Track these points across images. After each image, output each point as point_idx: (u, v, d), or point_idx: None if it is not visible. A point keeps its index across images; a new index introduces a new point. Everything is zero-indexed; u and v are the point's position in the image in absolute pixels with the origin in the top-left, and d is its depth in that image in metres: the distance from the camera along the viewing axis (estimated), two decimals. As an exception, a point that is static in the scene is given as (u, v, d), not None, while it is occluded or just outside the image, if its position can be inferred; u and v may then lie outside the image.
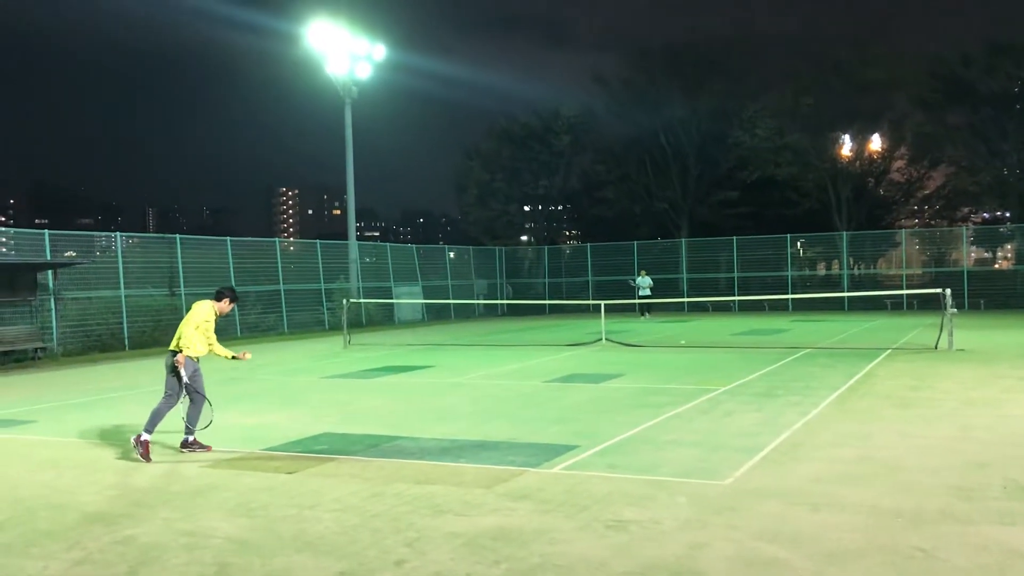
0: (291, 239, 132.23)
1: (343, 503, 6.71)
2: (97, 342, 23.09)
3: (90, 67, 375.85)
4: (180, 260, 25.72)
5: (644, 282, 33.56)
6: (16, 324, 21.09)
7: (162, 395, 8.87)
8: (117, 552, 5.68)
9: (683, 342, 21.28)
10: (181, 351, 8.72)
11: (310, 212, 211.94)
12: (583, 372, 15.27)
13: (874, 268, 41.69)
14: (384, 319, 33.55)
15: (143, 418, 11.13)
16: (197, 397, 8.89)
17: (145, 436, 8.57)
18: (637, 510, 6.25)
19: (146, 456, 8.48)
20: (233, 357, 9.27)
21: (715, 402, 11.30)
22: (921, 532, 5.56)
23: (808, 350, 18.28)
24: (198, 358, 8.88)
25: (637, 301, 32.51)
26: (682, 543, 5.48)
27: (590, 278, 41.55)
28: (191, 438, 8.96)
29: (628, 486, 6.96)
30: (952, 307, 17.89)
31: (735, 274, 38.80)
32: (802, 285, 39.63)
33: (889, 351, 17.55)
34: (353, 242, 33.90)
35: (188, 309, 9.19)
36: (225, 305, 9.19)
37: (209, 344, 9.00)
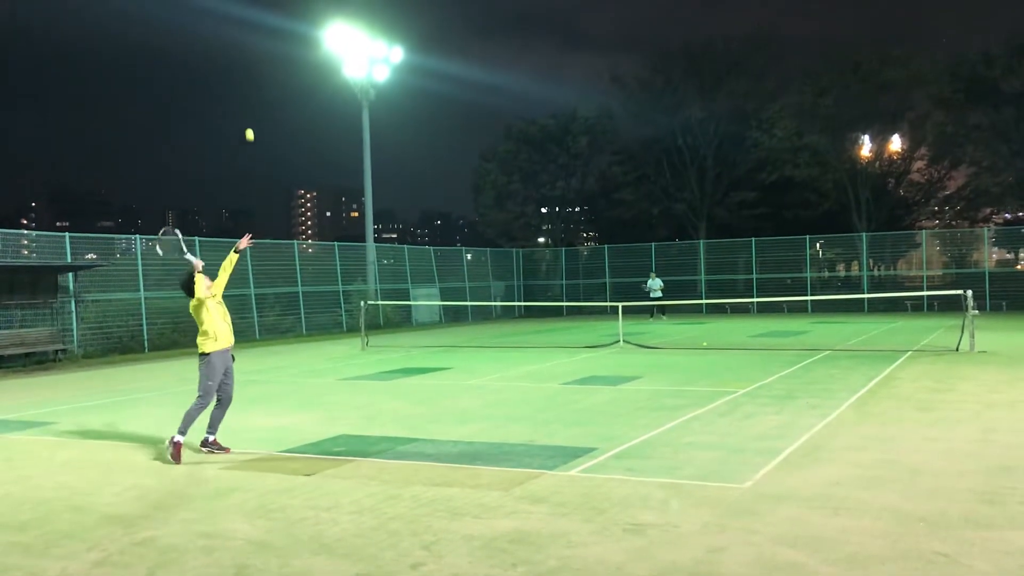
0: (309, 241, 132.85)
1: (360, 505, 6.71)
2: (117, 344, 23.26)
3: (109, 70, 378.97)
4: (199, 262, 25.83)
5: (655, 284, 33.33)
6: (37, 326, 21.27)
7: (195, 396, 8.77)
8: (136, 554, 5.70)
9: (704, 344, 21.20)
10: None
11: (328, 214, 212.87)
12: (601, 374, 15.22)
13: (894, 269, 41.40)
14: (402, 321, 33.63)
15: (162, 419, 11.23)
16: (225, 398, 8.89)
17: (178, 438, 8.55)
18: (655, 513, 6.21)
19: (177, 458, 8.46)
20: (236, 251, 8.85)
21: (734, 404, 11.23)
22: (943, 537, 5.49)
23: (828, 352, 18.16)
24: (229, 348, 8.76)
25: (652, 303, 32.37)
26: (701, 547, 5.44)
27: (607, 280, 41.47)
28: (212, 438, 8.94)
29: (646, 489, 6.92)
30: (973, 308, 17.73)
31: (754, 275, 38.62)
32: (821, 286, 39.39)
33: (910, 353, 17.40)
34: (371, 244, 34.02)
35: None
36: (203, 280, 8.68)
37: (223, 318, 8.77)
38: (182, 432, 8.57)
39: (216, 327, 8.69)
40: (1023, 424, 9.34)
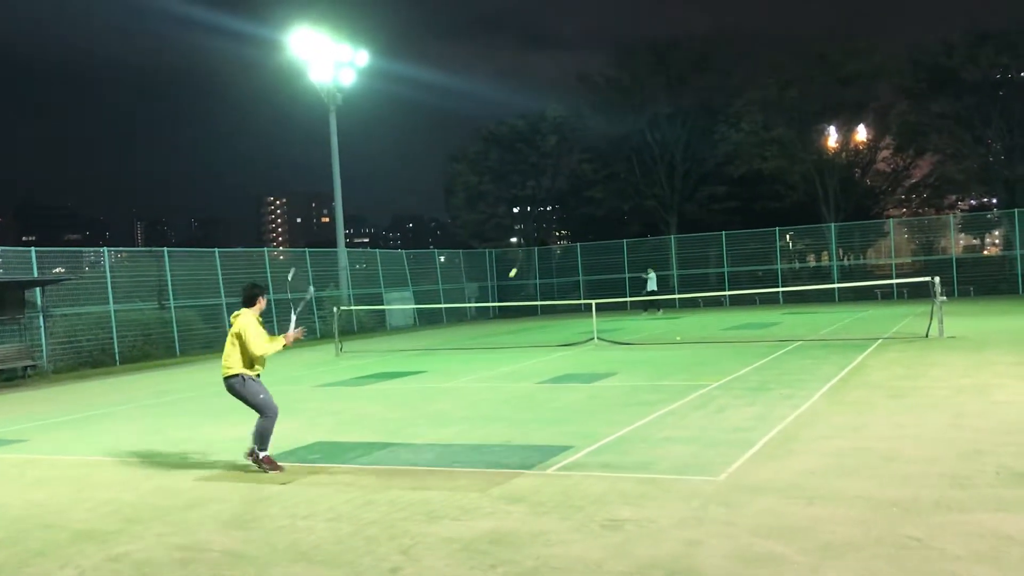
0: (280, 248, 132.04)
1: (337, 511, 6.68)
2: (87, 358, 22.98)
3: (75, 82, 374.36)
4: (169, 273, 25.62)
5: (652, 278, 32.96)
6: (5, 342, 20.97)
7: (259, 414, 8.40)
8: (111, 569, 5.64)
9: (678, 338, 21.30)
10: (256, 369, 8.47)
11: (299, 220, 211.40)
12: (576, 372, 15.25)
13: (863, 258, 41.85)
14: (376, 325, 33.50)
15: (134, 433, 11.12)
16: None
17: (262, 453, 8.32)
18: (633, 509, 6.23)
19: (275, 467, 8.26)
20: (284, 346, 8.65)
21: (708, 398, 11.30)
22: (916, 522, 5.56)
23: (799, 342, 18.31)
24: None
25: (647, 298, 31.85)
26: (678, 541, 5.46)
27: (580, 278, 41.57)
28: (265, 453, 8.39)
29: (623, 485, 6.94)
30: (942, 295, 17.96)
31: (725, 269, 38.88)
32: (792, 278, 39.73)
33: (880, 341, 17.59)
34: (342, 249, 33.86)
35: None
36: (262, 305, 8.87)
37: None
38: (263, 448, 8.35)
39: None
40: (992, 408, 9.47)
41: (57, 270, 24.33)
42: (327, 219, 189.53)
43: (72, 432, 11.87)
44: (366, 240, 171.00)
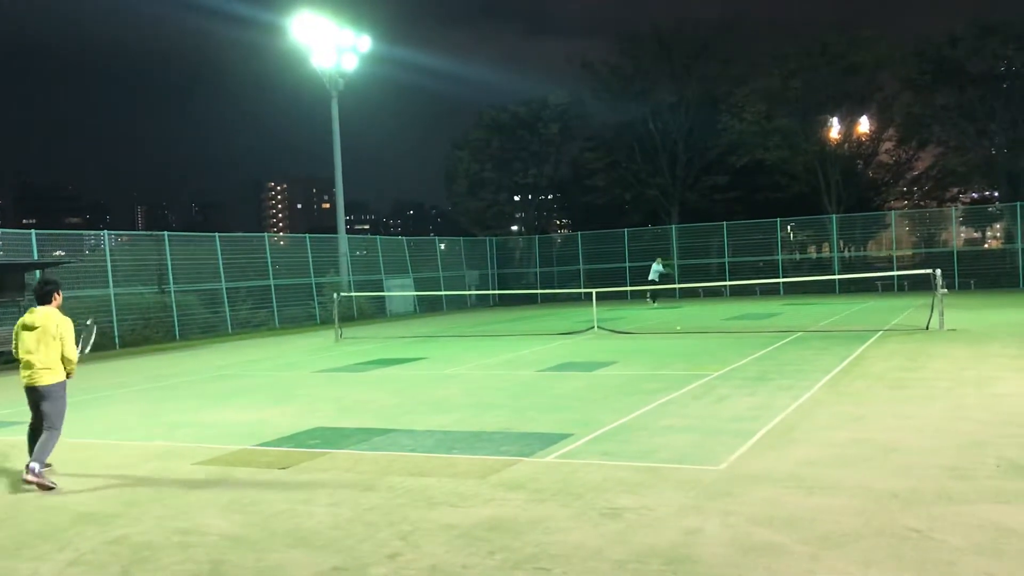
0: (281, 233, 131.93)
1: (337, 497, 6.67)
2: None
3: (75, 64, 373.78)
4: (169, 257, 25.58)
5: (657, 268, 32.60)
6: (4, 325, 20.94)
7: (51, 428, 7.80)
8: (110, 552, 5.63)
9: (678, 328, 21.29)
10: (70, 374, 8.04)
11: (299, 206, 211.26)
12: (576, 360, 15.24)
13: (864, 250, 41.80)
14: (376, 312, 33.50)
15: (131, 416, 11.10)
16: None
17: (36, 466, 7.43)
18: (632, 497, 6.23)
19: (44, 485, 7.35)
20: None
21: (708, 387, 11.29)
22: (916, 513, 5.55)
23: (800, 333, 18.30)
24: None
25: (650, 287, 31.61)
26: (677, 529, 5.46)
27: (581, 266, 41.55)
28: (39, 467, 7.48)
29: (622, 473, 6.94)
30: (943, 287, 17.94)
31: (726, 259, 38.84)
32: (793, 269, 39.71)
33: (881, 332, 17.58)
34: (343, 235, 33.82)
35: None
36: (59, 300, 8.04)
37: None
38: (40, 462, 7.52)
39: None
40: (992, 400, 9.46)
41: (57, 253, 24.31)
42: (328, 205, 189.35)
43: (71, 415, 11.82)
44: (367, 226, 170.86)
